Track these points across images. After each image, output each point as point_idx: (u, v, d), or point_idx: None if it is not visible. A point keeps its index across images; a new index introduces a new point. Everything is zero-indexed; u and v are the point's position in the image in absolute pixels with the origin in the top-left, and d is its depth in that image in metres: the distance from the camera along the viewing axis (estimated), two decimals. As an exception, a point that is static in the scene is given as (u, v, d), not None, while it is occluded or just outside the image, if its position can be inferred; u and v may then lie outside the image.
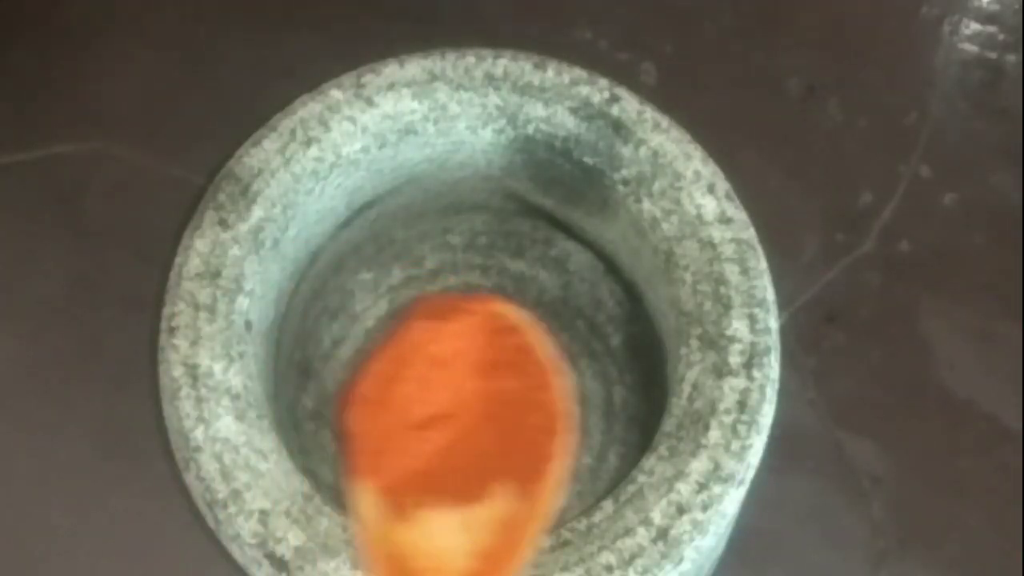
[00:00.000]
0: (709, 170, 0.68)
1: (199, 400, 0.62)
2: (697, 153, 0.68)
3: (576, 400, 0.73)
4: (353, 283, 0.80)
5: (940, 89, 1.01)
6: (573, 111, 0.70)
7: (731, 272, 0.65)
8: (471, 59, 0.71)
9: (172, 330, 0.63)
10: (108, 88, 0.99)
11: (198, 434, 0.61)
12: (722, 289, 0.65)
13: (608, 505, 0.61)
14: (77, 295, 0.91)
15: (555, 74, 0.70)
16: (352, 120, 0.69)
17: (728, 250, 0.66)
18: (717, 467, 0.60)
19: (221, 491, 0.60)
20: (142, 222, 0.93)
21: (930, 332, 0.92)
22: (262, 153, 0.68)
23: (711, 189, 0.68)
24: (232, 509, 0.59)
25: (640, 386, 0.78)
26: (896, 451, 0.88)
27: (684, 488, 0.60)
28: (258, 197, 0.67)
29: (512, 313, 0.72)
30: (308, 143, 0.69)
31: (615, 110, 0.70)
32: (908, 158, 0.98)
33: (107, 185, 0.95)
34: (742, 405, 0.62)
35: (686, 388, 0.63)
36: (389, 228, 0.79)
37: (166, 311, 0.64)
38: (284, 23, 1.02)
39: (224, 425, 0.61)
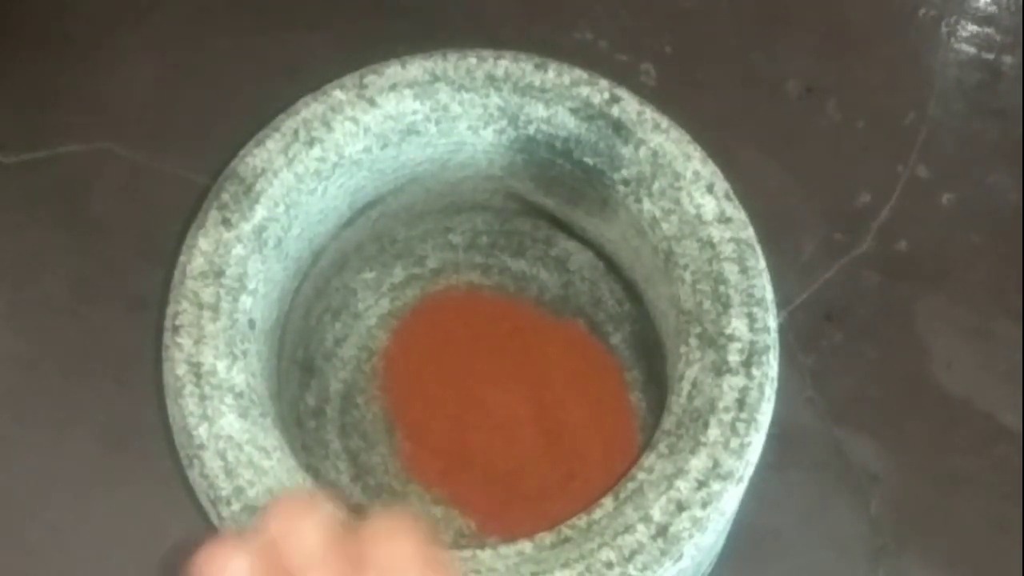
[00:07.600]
0: (708, 170, 0.68)
1: (203, 398, 0.62)
2: (696, 153, 0.69)
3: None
4: (355, 282, 0.80)
5: (938, 90, 1.01)
6: (574, 112, 0.70)
7: (730, 271, 0.66)
8: (472, 60, 0.71)
9: (176, 328, 0.64)
10: (113, 89, 0.99)
11: (202, 432, 0.61)
12: (721, 288, 0.65)
13: (608, 502, 0.61)
14: (81, 293, 0.92)
15: (556, 75, 0.71)
16: (355, 120, 0.70)
17: (727, 249, 0.66)
18: (716, 465, 0.61)
19: (224, 488, 0.60)
20: (146, 221, 0.93)
21: (928, 331, 0.92)
22: (265, 153, 0.68)
23: (710, 189, 0.68)
24: (235, 506, 0.60)
25: (640, 384, 0.78)
26: (894, 449, 0.88)
27: (684, 485, 0.60)
28: (261, 197, 0.67)
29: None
30: (311, 143, 0.69)
31: (615, 111, 0.70)
32: (906, 158, 0.98)
33: (111, 185, 0.96)
34: (741, 403, 0.62)
35: (685, 386, 0.63)
36: (391, 227, 0.79)
37: (170, 310, 0.65)
38: (287, 24, 1.02)
39: (227, 423, 0.61)
